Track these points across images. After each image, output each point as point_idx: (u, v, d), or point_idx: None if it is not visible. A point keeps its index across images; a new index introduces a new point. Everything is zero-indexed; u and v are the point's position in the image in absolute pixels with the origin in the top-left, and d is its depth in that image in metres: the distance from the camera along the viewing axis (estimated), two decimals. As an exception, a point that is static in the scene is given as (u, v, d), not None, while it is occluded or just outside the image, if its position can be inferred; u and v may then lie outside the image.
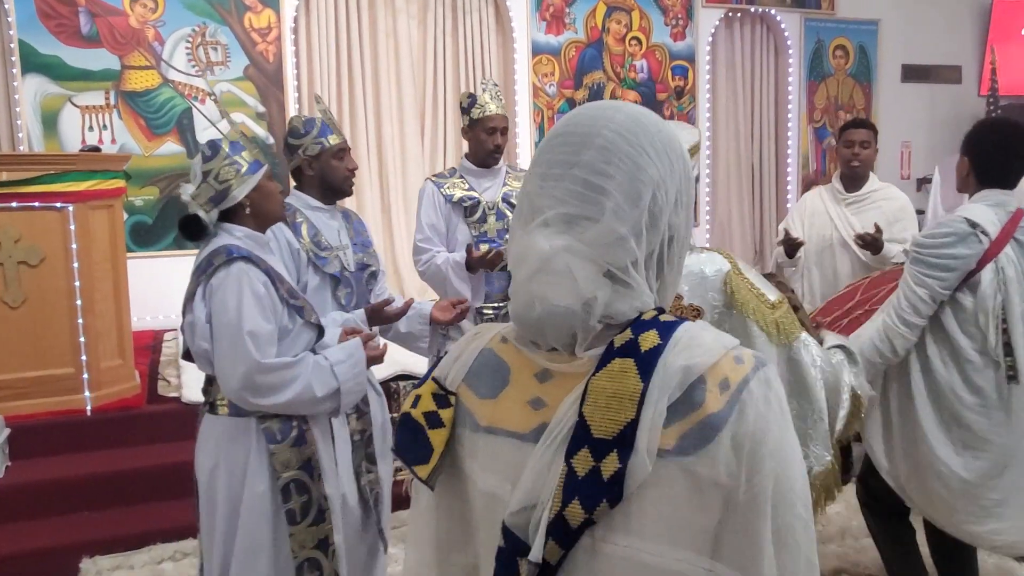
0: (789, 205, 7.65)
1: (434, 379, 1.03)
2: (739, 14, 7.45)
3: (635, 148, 0.93)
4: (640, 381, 0.88)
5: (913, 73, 8.09)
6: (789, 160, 7.70)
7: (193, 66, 5.70)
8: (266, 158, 5.49)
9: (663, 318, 0.93)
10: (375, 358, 2.33)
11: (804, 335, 1.98)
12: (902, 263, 2.82)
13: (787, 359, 1.93)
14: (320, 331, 2.30)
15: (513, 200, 3.32)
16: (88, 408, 3.90)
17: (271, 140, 5.84)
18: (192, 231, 2.21)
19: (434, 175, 3.47)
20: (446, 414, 1.00)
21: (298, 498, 2.22)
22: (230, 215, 2.24)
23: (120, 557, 3.40)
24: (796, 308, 2.22)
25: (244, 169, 2.23)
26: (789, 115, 7.66)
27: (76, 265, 3.83)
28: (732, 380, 0.88)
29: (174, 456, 3.79)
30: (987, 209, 2.51)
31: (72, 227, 3.81)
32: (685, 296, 1.97)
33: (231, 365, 2.09)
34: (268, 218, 2.32)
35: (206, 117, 5.69)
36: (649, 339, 0.90)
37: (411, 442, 1.01)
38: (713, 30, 7.28)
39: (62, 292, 3.82)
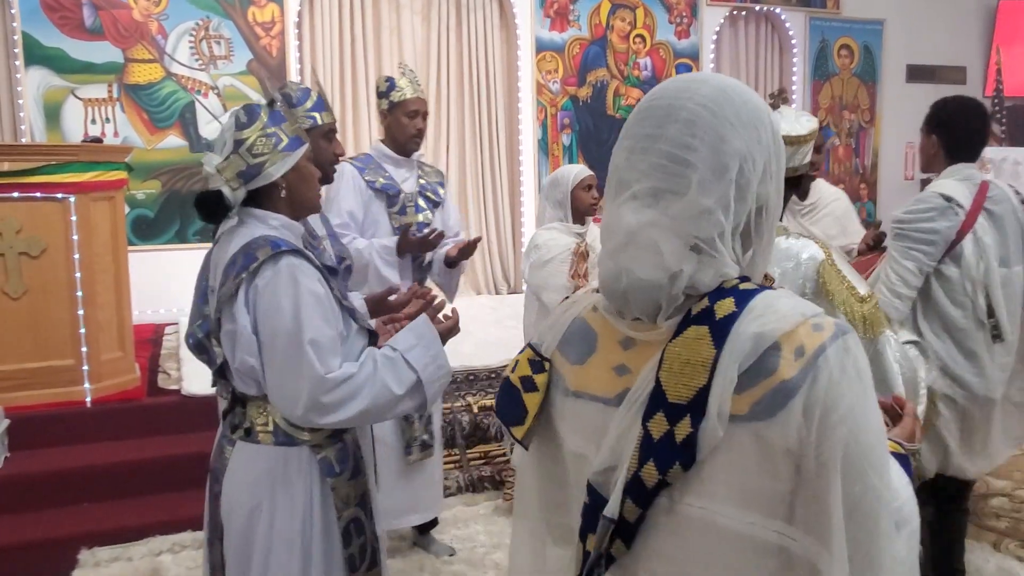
0: (792, 205, 7.64)
1: (531, 346, 1.08)
2: (744, 12, 7.44)
3: (720, 120, 0.93)
4: (713, 348, 0.90)
5: (918, 73, 8.07)
6: (793, 159, 7.67)
7: (196, 60, 5.70)
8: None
9: (743, 286, 0.94)
10: (449, 329, 1.97)
11: (888, 331, 1.99)
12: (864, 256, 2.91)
13: (872, 353, 1.92)
14: (373, 336, 1.95)
15: (429, 194, 3.22)
16: (88, 400, 3.89)
17: (274, 135, 5.84)
18: (211, 210, 1.81)
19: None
20: (540, 379, 1.06)
21: (356, 540, 1.89)
22: (259, 197, 1.84)
23: (119, 549, 3.39)
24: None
25: (284, 144, 1.82)
26: (793, 114, 7.64)
27: (77, 256, 3.81)
28: (808, 347, 0.88)
29: (173, 448, 3.79)
30: (957, 184, 2.65)
31: (73, 218, 3.80)
32: (776, 278, 1.97)
33: (292, 383, 1.73)
34: (304, 206, 1.93)
35: (208, 111, 5.69)
36: (725, 307, 0.92)
37: (509, 404, 1.07)
38: (718, 28, 7.26)
39: (63, 283, 3.81)
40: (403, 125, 3.11)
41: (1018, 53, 7.97)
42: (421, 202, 3.19)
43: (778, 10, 7.46)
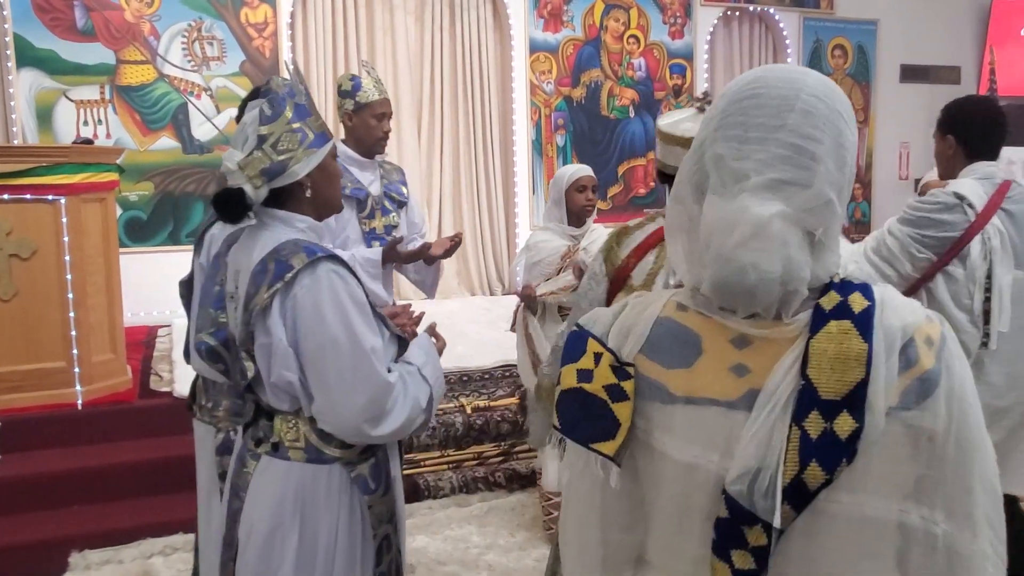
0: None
1: (609, 350, 1.00)
2: (737, 13, 7.44)
3: (833, 112, 0.94)
4: (863, 341, 0.89)
5: (912, 73, 8.08)
6: (787, 160, 7.68)
7: (189, 61, 5.68)
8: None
9: (851, 279, 0.95)
10: (440, 350, 1.97)
11: None
12: None
13: None
14: (404, 344, 1.87)
15: (393, 194, 3.11)
16: (79, 402, 3.88)
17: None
18: (232, 209, 1.69)
19: None
20: (628, 386, 0.98)
21: (387, 556, 1.83)
22: (281, 197, 1.73)
23: (110, 551, 3.38)
24: None
25: (309, 140, 1.72)
26: (787, 115, 7.65)
27: (68, 258, 3.80)
28: (933, 338, 0.92)
29: (165, 451, 3.77)
30: (975, 183, 2.58)
31: (64, 220, 3.79)
32: None
33: (348, 395, 1.65)
34: (328, 206, 1.83)
35: (201, 112, 5.67)
36: (857, 301, 0.92)
37: (588, 418, 0.98)
38: (711, 29, 7.26)
39: (53, 285, 3.80)
40: (371, 127, 2.99)
41: (1011, 53, 7.98)
42: (387, 204, 3.10)
43: (772, 10, 7.46)
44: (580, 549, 1.08)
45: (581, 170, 3.41)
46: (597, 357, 1.00)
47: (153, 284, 5.49)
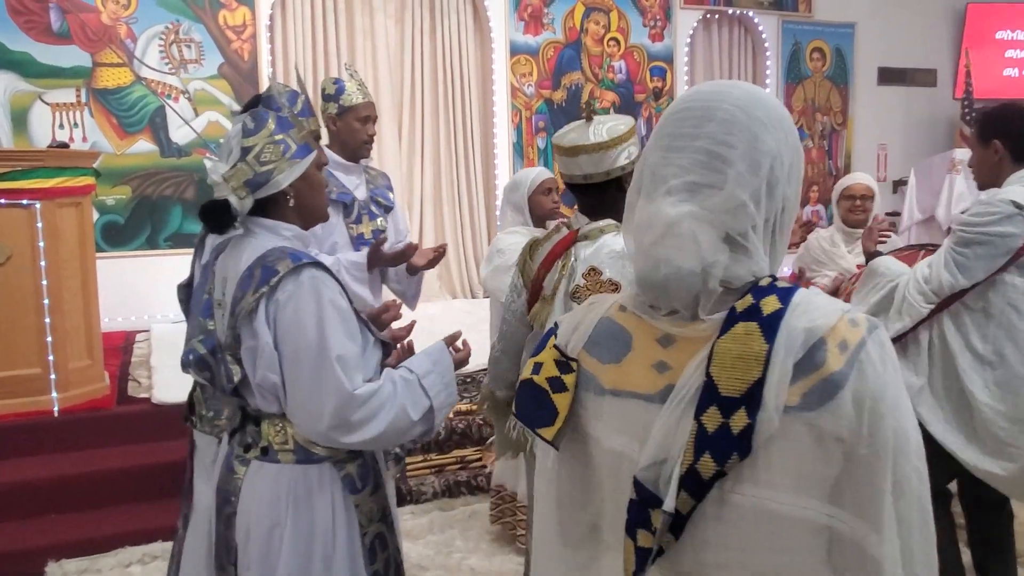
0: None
1: (555, 347, 1.09)
2: (717, 16, 7.47)
3: (753, 120, 1.00)
4: (765, 343, 0.94)
5: (889, 76, 8.15)
6: (767, 162, 7.73)
7: (166, 64, 5.63)
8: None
9: (779, 284, 0.99)
10: (462, 360, 1.95)
11: None
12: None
13: None
14: (388, 349, 1.89)
15: (379, 199, 3.10)
16: (55, 409, 3.82)
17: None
18: (218, 219, 1.75)
19: None
20: (569, 379, 1.07)
21: (381, 555, 1.86)
22: (266, 206, 1.79)
23: (87, 560, 3.33)
24: None
25: (292, 151, 1.78)
26: (767, 117, 7.69)
27: (43, 263, 3.75)
28: (850, 341, 0.94)
29: (143, 458, 3.73)
30: (1020, 190, 2.51)
31: (39, 225, 3.73)
32: (606, 271, 2.10)
33: (317, 400, 1.68)
34: (312, 215, 1.87)
35: (179, 115, 5.62)
36: (770, 304, 0.96)
37: (534, 406, 1.08)
38: (691, 31, 7.29)
39: (29, 291, 3.74)
40: (355, 131, 2.97)
41: (987, 56, 8.07)
42: (374, 208, 3.08)
43: (751, 13, 7.50)
44: (542, 525, 1.17)
45: (543, 173, 3.42)
46: (550, 351, 1.10)
47: (131, 289, 5.45)
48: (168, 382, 4.15)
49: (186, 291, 2.42)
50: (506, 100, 6.62)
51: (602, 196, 2.15)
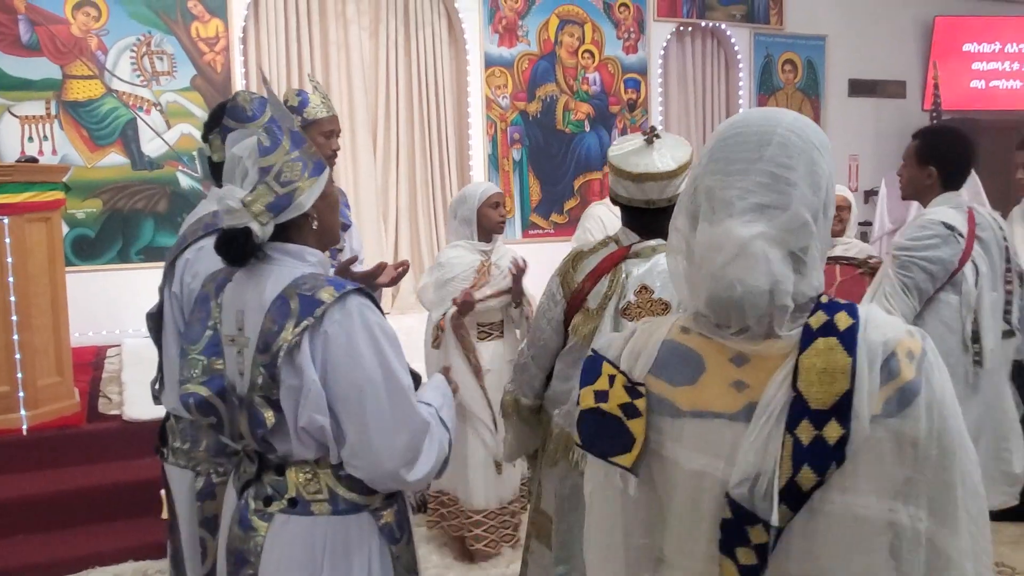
0: (741, 217, 7.74)
1: (621, 372, 1.11)
2: (690, 28, 7.54)
3: (808, 144, 1.06)
4: (847, 356, 1.00)
5: (860, 87, 8.26)
6: (740, 172, 7.79)
7: (138, 76, 5.59)
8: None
9: (840, 301, 1.06)
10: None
11: None
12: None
13: None
14: (418, 380, 1.76)
15: (340, 218, 3.07)
16: (24, 427, 3.76)
17: (219, 151, 5.73)
18: (240, 251, 1.59)
19: None
20: (641, 404, 1.09)
21: None
22: (288, 231, 1.63)
23: (56, 582, 3.29)
24: None
25: (310, 168, 1.64)
26: (740, 128, 7.76)
27: (12, 280, 3.70)
28: (914, 351, 1.02)
29: (114, 476, 3.69)
30: (953, 211, 2.66)
31: (7, 240, 3.69)
32: (656, 290, 2.09)
33: (389, 436, 1.54)
34: (331, 236, 1.74)
35: (151, 127, 5.57)
36: (843, 319, 1.02)
37: (605, 435, 1.09)
38: (665, 44, 7.35)
39: (-4, 307, 3.69)
40: (319, 145, 2.86)
41: (954, 68, 8.21)
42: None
43: (723, 26, 7.57)
44: (604, 554, 1.17)
45: (491, 187, 3.47)
46: (611, 379, 1.11)
47: (102, 303, 5.38)
48: (139, 398, 4.10)
49: (156, 320, 2.31)
50: (481, 112, 6.63)
51: (660, 219, 2.11)
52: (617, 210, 3.73)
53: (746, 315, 1.03)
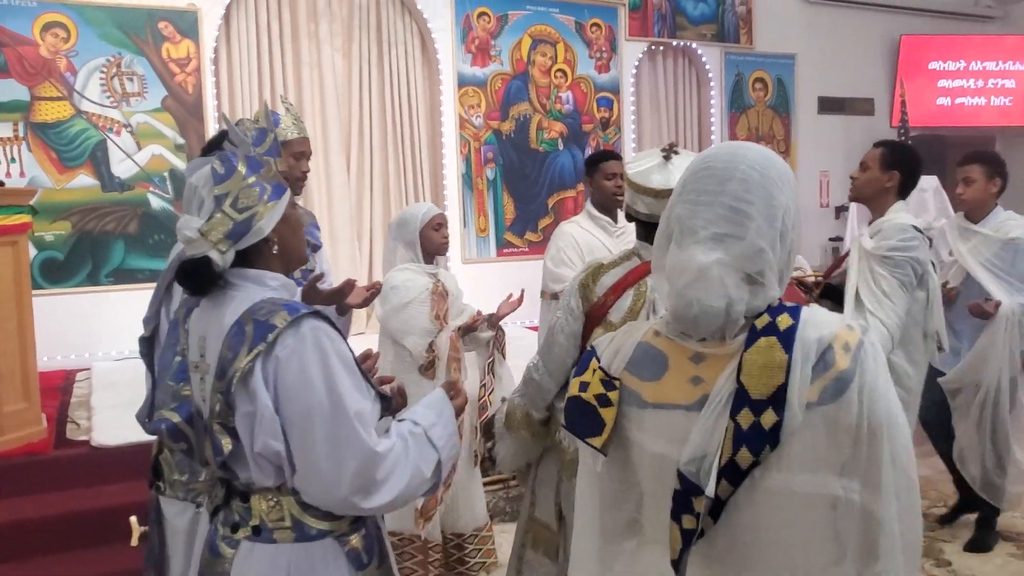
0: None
1: (600, 368, 1.28)
2: (662, 48, 7.61)
3: (767, 180, 1.20)
4: (784, 353, 1.14)
5: (829, 105, 8.37)
6: (713, 189, 7.85)
7: (108, 97, 5.54)
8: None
9: (786, 304, 1.20)
10: (460, 407, 1.83)
11: None
12: None
13: None
14: (387, 403, 1.73)
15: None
16: (-11, 455, 3.69)
17: (191, 172, 5.69)
18: (201, 281, 1.58)
19: None
20: (613, 395, 1.25)
21: None
22: (249, 257, 1.63)
23: (21, 613, 3.21)
24: None
25: (268, 193, 1.63)
26: (712, 145, 7.82)
27: (-24, 305, 3.64)
28: (851, 343, 1.16)
29: (82, 503, 3.62)
30: (913, 217, 2.94)
31: (-28, 265, 3.63)
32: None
33: (335, 463, 1.52)
34: (294, 259, 1.72)
35: (121, 149, 5.53)
36: (784, 320, 1.16)
37: (582, 420, 1.26)
38: (637, 63, 7.41)
39: (-39, 333, 3.63)
40: (290, 167, 2.84)
41: (921, 86, 8.34)
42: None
43: (694, 45, 7.66)
44: (583, 521, 1.35)
45: (433, 209, 3.42)
46: (595, 372, 1.28)
47: (71, 326, 5.31)
48: (108, 423, 4.05)
49: (148, 344, 2.24)
50: (455, 131, 6.64)
51: None
52: (589, 227, 3.79)
53: (701, 329, 1.19)
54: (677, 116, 7.80)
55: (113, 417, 4.10)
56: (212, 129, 5.78)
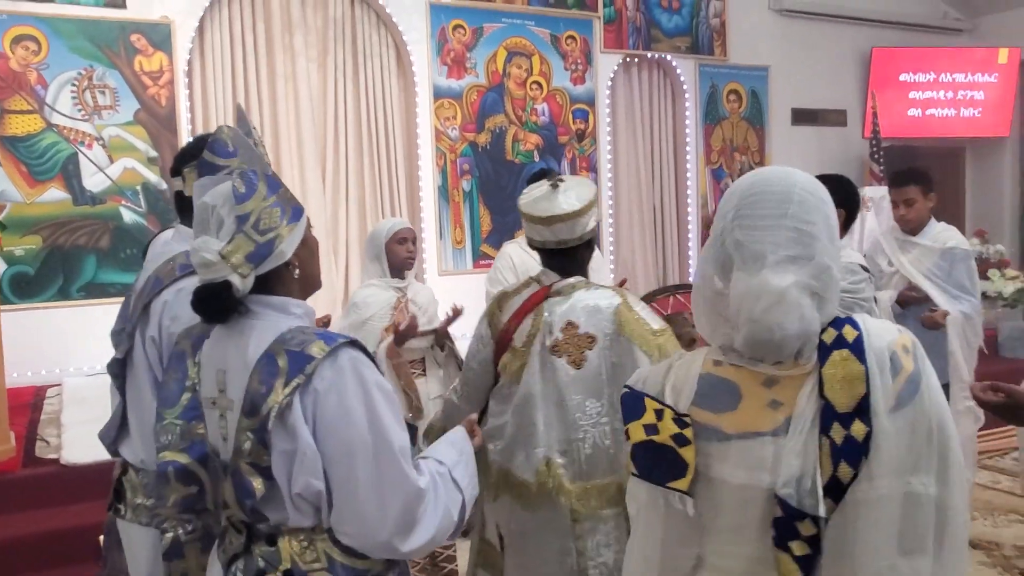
0: (691, 244, 7.84)
1: (668, 406, 1.24)
2: (636, 60, 7.66)
3: (820, 201, 1.24)
4: (860, 363, 1.16)
5: (802, 116, 8.46)
6: (689, 200, 7.91)
7: (79, 110, 5.50)
8: (160, 204, 5.17)
9: (840, 315, 1.23)
10: (479, 446, 1.78)
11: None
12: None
13: None
14: (413, 433, 1.67)
15: None
16: (-44, 475, 3.64)
17: (164, 186, 5.65)
18: (220, 307, 1.48)
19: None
20: (689, 432, 1.22)
21: None
22: (267, 282, 1.52)
23: (-12, 636, 3.16)
24: (692, 340, 2.61)
25: (289, 214, 1.55)
26: (688, 157, 7.89)
27: (-57, 321, 3.59)
28: (908, 346, 1.21)
29: (51, 523, 3.58)
30: (857, 255, 3.04)
31: (-62, 281, 3.58)
32: (581, 325, 2.19)
33: (379, 502, 1.43)
34: (312, 283, 1.63)
35: (93, 163, 5.48)
36: (849, 332, 1.19)
37: (661, 463, 1.22)
38: (612, 75, 7.45)
39: (-73, 351, 3.58)
40: None
41: (892, 97, 8.45)
42: None
43: (669, 57, 7.71)
44: (644, 560, 1.32)
45: (399, 223, 3.46)
46: (658, 413, 1.24)
47: (42, 342, 5.24)
48: (78, 440, 4.00)
49: (121, 366, 2.15)
50: (430, 143, 6.64)
51: (575, 257, 2.28)
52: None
53: (782, 353, 1.19)
54: (652, 128, 7.85)
55: (83, 434, 4.04)
56: (186, 142, 5.74)
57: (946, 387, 3.66)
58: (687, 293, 3.28)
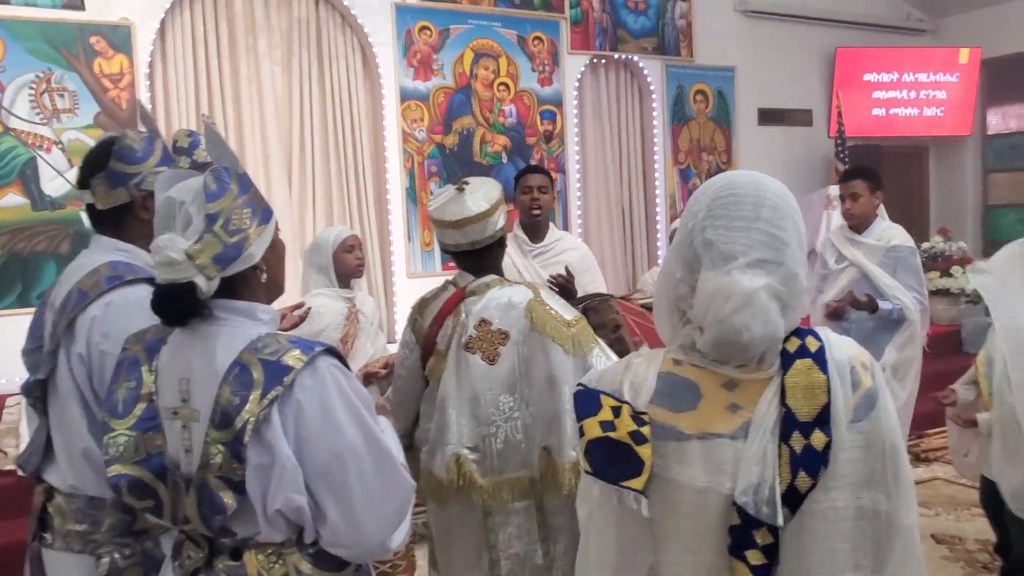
0: (660, 243, 7.87)
1: (626, 402, 1.21)
2: (604, 60, 7.67)
3: (792, 208, 1.24)
4: (822, 373, 1.17)
5: (768, 116, 8.52)
6: (658, 200, 7.94)
7: (37, 114, 5.40)
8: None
9: (803, 327, 1.24)
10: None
11: (598, 347, 2.20)
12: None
13: (583, 367, 2.13)
14: None
15: None
16: (-91, 488, 3.55)
17: (126, 190, 5.56)
18: (182, 309, 1.42)
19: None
20: (646, 430, 1.19)
21: None
22: (233, 286, 1.47)
23: (-57, 653, 3.08)
24: (618, 326, 2.66)
25: (259, 216, 1.50)
26: (655, 157, 7.92)
27: None
28: (866, 363, 1.22)
29: (8, 536, 3.50)
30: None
31: None
32: (495, 322, 2.21)
33: (376, 506, 1.42)
34: (278, 289, 1.59)
35: (52, 167, 5.39)
36: (812, 342, 1.20)
37: (616, 461, 1.18)
38: (579, 76, 7.46)
39: None
40: None
41: (856, 97, 8.55)
42: None
43: (636, 58, 7.74)
44: (598, 564, 1.28)
45: (345, 230, 3.38)
46: (615, 410, 1.20)
47: (1, 350, 5.14)
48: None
49: (43, 387, 2.03)
50: (398, 146, 6.61)
51: (488, 256, 2.33)
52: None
53: (747, 355, 1.18)
54: (620, 128, 7.87)
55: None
56: (147, 145, 5.64)
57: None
58: (605, 299, 3.19)
